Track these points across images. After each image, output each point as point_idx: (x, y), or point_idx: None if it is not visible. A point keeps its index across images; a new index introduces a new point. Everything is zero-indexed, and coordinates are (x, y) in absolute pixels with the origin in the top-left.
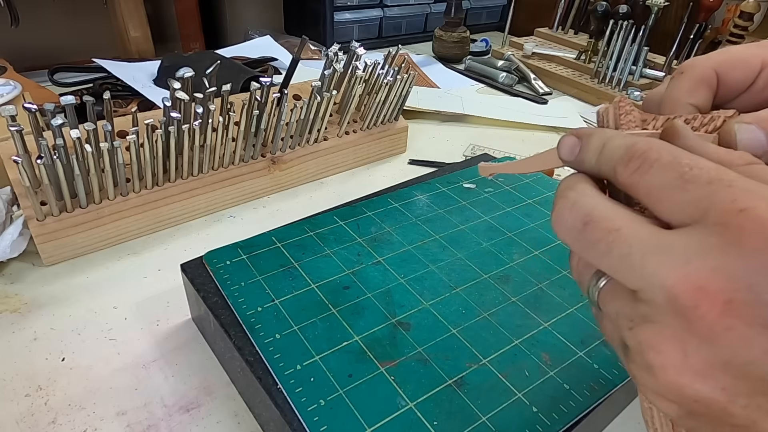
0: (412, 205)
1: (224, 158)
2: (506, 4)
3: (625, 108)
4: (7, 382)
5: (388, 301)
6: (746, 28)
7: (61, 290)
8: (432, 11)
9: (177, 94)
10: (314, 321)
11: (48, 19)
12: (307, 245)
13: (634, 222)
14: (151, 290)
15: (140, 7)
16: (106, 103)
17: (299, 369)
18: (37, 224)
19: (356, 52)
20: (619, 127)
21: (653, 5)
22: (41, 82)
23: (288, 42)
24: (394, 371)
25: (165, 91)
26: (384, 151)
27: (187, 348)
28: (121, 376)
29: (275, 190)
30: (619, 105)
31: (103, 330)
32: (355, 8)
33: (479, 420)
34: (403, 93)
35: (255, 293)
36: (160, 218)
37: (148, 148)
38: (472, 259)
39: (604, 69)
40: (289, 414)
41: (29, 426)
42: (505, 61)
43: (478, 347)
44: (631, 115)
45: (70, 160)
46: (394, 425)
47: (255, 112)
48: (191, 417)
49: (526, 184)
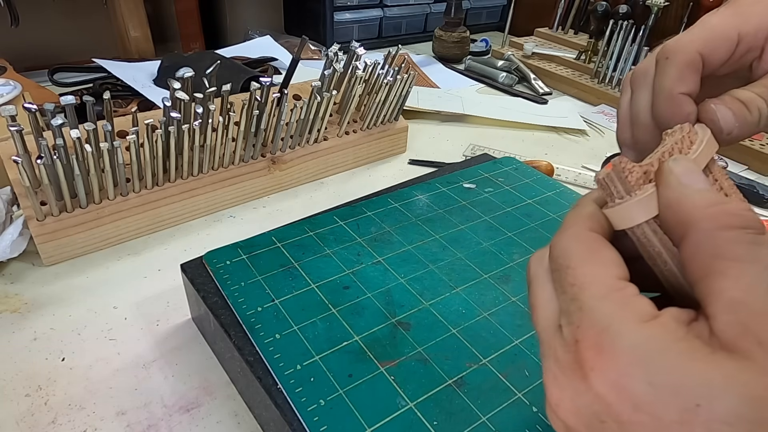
0: (412, 205)
1: (224, 158)
2: (506, 4)
3: (627, 168)
4: (7, 382)
5: (388, 301)
6: None
7: (61, 290)
8: (432, 11)
9: (177, 94)
10: (314, 321)
11: (48, 19)
12: (307, 245)
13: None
14: (151, 290)
15: (140, 7)
16: (106, 103)
17: (299, 369)
18: (37, 224)
19: (356, 52)
20: (631, 192)
21: (653, 5)
22: (41, 82)
23: (288, 42)
24: (394, 371)
25: (165, 91)
26: (384, 151)
27: (187, 348)
28: (121, 376)
29: (275, 190)
30: (621, 168)
31: (103, 330)
32: (355, 8)
33: (479, 420)
34: (403, 93)
35: (255, 293)
36: (160, 218)
37: (148, 148)
38: (472, 259)
39: (604, 69)
40: (289, 414)
41: (29, 426)
42: (505, 61)
43: (478, 347)
44: (635, 173)
45: (70, 160)
46: (394, 425)
47: (255, 112)
48: (191, 417)
49: (526, 184)
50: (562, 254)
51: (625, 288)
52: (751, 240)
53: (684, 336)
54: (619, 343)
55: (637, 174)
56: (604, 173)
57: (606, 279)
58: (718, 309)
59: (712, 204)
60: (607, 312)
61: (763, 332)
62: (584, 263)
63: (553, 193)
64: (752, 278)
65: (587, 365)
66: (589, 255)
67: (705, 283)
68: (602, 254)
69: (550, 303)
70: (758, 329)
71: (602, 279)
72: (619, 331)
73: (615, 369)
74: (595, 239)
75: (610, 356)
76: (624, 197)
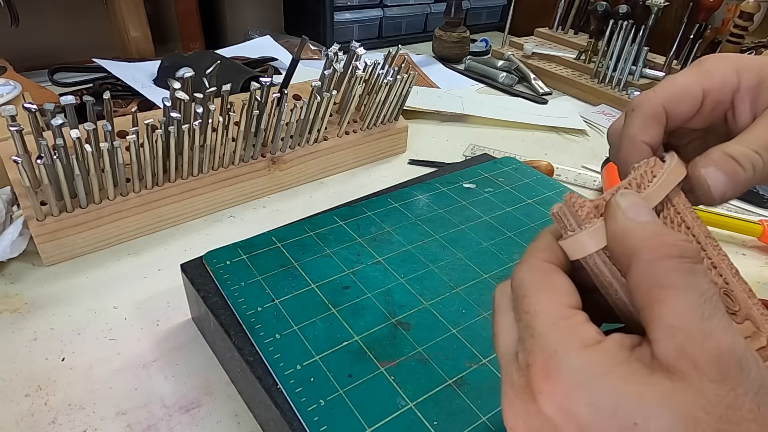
0: (412, 205)
1: (224, 158)
2: (506, 4)
3: (577, 202)
4: (7, 382)
5: (388, 301)
6: (746, 28)
7: (61, 290)
8: (432, 11)
9: (177, 94)
10: (314, 321)
11: (48, 19)
12: (307, 245)
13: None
14: (151, 290)
15: (140, 7)
16: (106, 103)
17: (299, 369)
18: (37, 224)
19: (356, 52)
20: (582, 225)
21: (653, 5)
22: (41, 82)
23: (288, 42)
24: (394, 371)
25: (165, 91)
26: (384, 151)
27: (187, 348)
28: (121, 376)
29: (275, 190)
30: (571, 202)
31: (103, 330)
32: (355, 8)
33: (479, 420)
34: (403, 93)
35: (255, 293)
36: (160, 218)
37: (148, 148)
38: (472, 259)
39: (604, 69)
40: (289, 414)
41: (29, 426)
42: (505, 61)
43: (478, 347)
44: (586, 207)
45: (70, 160)
46: (394, 425)
47: (255, 112)
48: (191, 417)
49: (526, 184)
50: (519, 284)
51: (573, 316)
52: (688, 269)
53: (624, 359)
54: (564, 368)
55: (588, 208)
56: (557, 207)
57: (555, 307)
58: (659, 334)
59: (653, 235)
60: (555, 338)
61: (698, 355)
62: (537, 292)
63: (553, 193)
64: (688, 305)
65: (536, 388)
66: (541, 284)
67: (647, 310)
68: (554, 283)
69: (510, 331)
70: (694, 353)
71: (552, 307)
72: (565, 356)
73: (560, 392)
74: (548, 269)
75: (556, 380)
76: (575, 229)
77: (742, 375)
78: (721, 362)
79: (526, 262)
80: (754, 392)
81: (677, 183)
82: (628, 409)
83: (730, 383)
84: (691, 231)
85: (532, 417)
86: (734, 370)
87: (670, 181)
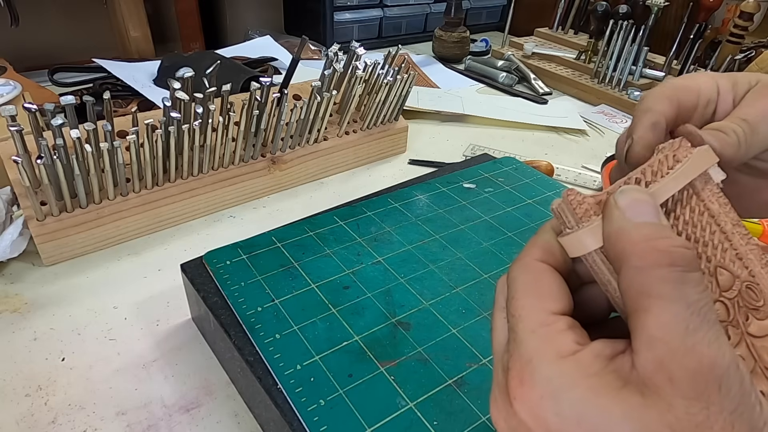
0: (412, 205)
1: (224, 158)
2: (506, 4)
3: (576, 199)
4: (7, 382)
5: (388, 301)
6: (746, 28)
7: (61, 290)
8: (432, 11)
9: (177, 94)
10: (314, 321)
11: (48, 19)
12: (307, 245)
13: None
14: (151, 290)
15: (140, 7)
16: (106, 103)
17: (299, 369)
18: (37, 224)
19: (356, 52)
20: (579, 223)
21: (653, 5)
22: (41, 82)
23: (288, 42)
24: (394, 371)
25: (165, 91)
26: (384, 151)
27: (187, 348)
28: (121, 376)
29: (275, 190)
30: (569, 200)
31: (103, 330)
32: (355, 8)
33: (479, 420)
34: (403, 93)
35: (255, 293)
36: (160, 218)
37: (148, 148)
38: (472, 259)
39: (604, 69)
40: (289, 414)
41: (29, 426)
42: (505, 61)
43: (478, 347)
44: (585, 204)
45: (70, 160)
46: (394, 425)
47: (255, 112)
48: (191, 417)
49: (526, 184)
50: (512, 283)
51: (555, 323)
52: (677, 278)
53: (597, 372)
54: (536, 376)
55: (588, 205)
56: (557, 203)
57: (538, 313)
58: (640, 344)
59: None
60: (532, 346)
61: (676, 369)
62: (525, 295)
63: (553, 193)
64: (673, 316)
65: (512, 393)
66: (530, 287)
67: (633, 318)
68: (542, 286)
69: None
70: (672, 366)
71: (534, 313)
72: (538, 366)
73: (531, 400)
74: (539, 270)
75: (529, 388)
76: (573, 227)
77: (720, 393)
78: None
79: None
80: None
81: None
82: (592, 422)
83: (704, 401)
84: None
85: (510, 417)
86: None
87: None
